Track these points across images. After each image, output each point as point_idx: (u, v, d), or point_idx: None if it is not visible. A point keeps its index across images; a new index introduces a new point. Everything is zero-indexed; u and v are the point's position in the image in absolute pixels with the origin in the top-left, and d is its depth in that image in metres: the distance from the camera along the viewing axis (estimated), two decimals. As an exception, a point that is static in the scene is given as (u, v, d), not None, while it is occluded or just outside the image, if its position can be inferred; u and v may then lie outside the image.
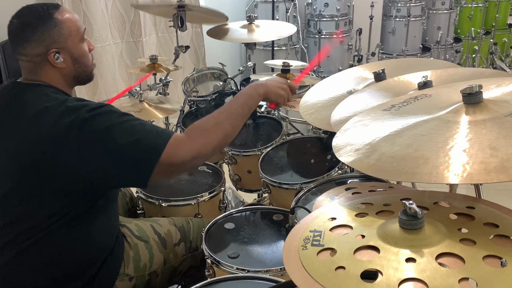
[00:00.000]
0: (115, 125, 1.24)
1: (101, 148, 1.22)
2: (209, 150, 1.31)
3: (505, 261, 0.75)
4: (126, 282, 1.48)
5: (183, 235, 1.65)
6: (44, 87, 1.34)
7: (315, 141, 2.06)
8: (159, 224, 1.63)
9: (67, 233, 1.31)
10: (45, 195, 1.26)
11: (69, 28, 1.35)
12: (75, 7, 3.37)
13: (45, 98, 1.30)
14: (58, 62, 1.34)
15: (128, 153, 1.23)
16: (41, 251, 1.30)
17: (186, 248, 1.64)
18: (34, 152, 1.25)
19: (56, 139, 1.23)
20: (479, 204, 0.93)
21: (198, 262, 1.66)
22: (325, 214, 0.98)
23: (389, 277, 0.75)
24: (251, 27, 2.60)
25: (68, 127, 1.23)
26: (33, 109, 1.28)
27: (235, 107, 1.41)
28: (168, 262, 1.59)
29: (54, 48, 1.33)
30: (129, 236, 1.53)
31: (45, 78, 1.36)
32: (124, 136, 1.23)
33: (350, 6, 4.37)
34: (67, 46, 1.35)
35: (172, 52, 2.99)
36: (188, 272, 1.68)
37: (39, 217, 1.27)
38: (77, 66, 1.39)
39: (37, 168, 1.25)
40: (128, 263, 1.49)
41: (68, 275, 1.35)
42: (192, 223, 1.71)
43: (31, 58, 1.34)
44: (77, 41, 1.38)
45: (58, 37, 1.33)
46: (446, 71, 1.48)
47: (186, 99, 2.62)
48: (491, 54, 4.90)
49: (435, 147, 0.91)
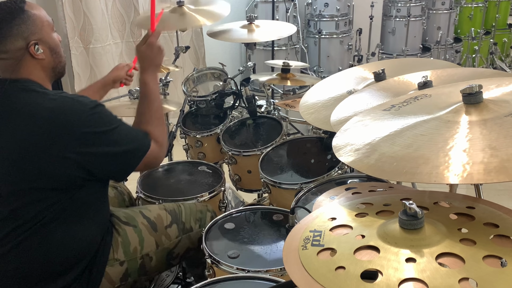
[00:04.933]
0: (108, 131, 1.35)
1: (94, 150, 1.32)
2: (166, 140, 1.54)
3: (505, 261, 0.75)
4: (117, 267, 1.49)
5: (174, 217, 1.65)
6: (28, 83, 1.36)
7: (315, 141, 2.06)
8: (148, 210, 1.66)
9: (56, 229, 1.34)
10: (39, 191, 1.29)
11: (41, 19, 1.39)
12: (75, 7, 3.37)
13: (34, 95, 1.33)
14: (39, 53, 1.37)
15: (119, 158, 1.38)
16: (35, 245, 1.32)
17: (179, 229, 1.65)
18: (25, 151, 1.27)
19: (49, 137, 1.27)
20: (479, 204, 0.93)
21: (195, 243, 1.66)
22: (325, 214, 0.98)
23: (389, 277, 0.75)
24: (251, 27, 2.60)
25: (62, 126, 1.28)
26: (26, 107, 1.31)
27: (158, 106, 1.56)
28: (160, 244, 1.59)
29: (33, 40, 1.35)
30: (117, 223, 1.55)
31: (26, 74, 1.37)
32: (117, 142, 1.37)
33: (350, 6, 4.37)
34: (43, 37, 1.38)
35: (172, 52, 2.99)
36: (187, 254, 1.68)
37: (29, 214, 1.30)
38: (54, 56, 1.42)
39: (28, 166, 1.28)
40: (117, 248, 1.50)
41: (60, 268, 1.37)
42: (183, 206, 1.72)
43: (11, 54, 1.35)
44: (50, 31, 1.41)
45: (34, 28, 1.36)
46: (446, 71, 1.48)
47: (186, 99, 2.62)
48: (491, 54, 4.90)
49: (435, 147, 0.91)
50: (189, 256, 1.71)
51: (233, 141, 2.23)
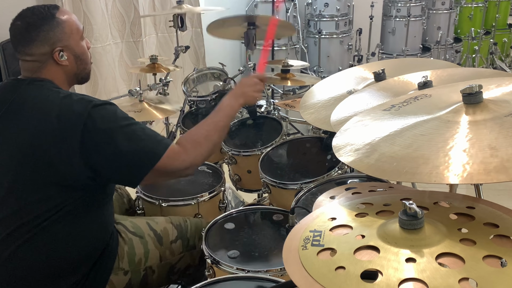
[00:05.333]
0: (118, 128, 1.30)
1: (102, 148, 1.28)
2: (200, 161, 1.43)
3: (505, 261, 0.75)
4: (121, 276, 1.49)
5: (180, 233, 1.65)
6: (46, 83, 1.38)
7: (315, 141, 2.06)
8: (155, 221, 1.65)
9: (63, 228, 1.33)
10: (46, 188, 1.29)
11: (71, 27, 1.41)
12: (75, 7, 3.37)
13: (47, 93, 1.34)
14: (63, 60, 1.39)
15: (127, 158, 1.31)
16: (37, 246, 1.32)
17: (184, 245, 1.64)
18: (36, 146, 1.28)
19: (59, 133, 1.27)
20: (479, 204, 0.93)
21: (196, 261, 1.66)
22: (325, 214, 0.98)
23: (389, 277, 0.75)
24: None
25: (72, 122, 1.27)
26: (37, 103, 1.32)
27: (221, 119, 1.50)
28: (164, 258, 1.59)
29: (58, 47, 1.38)
30: (123, 232, 1.54)
31: (47, 75, 1.39)
32: (126, 141, 1.30)
33: (350, 6, 4.37)
34: (70, 44, 1.40)
35: (172, 52, 2.99)
36: (187, 271, 1.68)
37: (37, 211, 1.29)
38: (79, 63, 1.44)
39: (38, 161, 1.28)
40: (122, 257, 1.50)
41: (64, 270, 1.36)
42: (189, 221, 1.71)
43: (36, 57, 1.37)
44: (78, 39, 1.43)
45: (61, 36, 1.38)
46: (446, 71, 1.47)
47: (186, 99, 2.63)
48: (491, 54, 4.90)
49: (435, 147, 0.91)
50: (188, 273, 1.70)
51: (233, 141, 2.23)
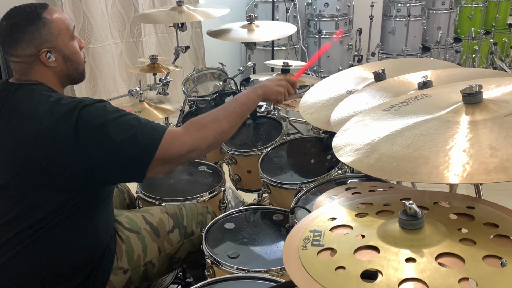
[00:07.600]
0: (110, 121, 1.25)
1: (98, 145, 1.24)
2: (205, 145, 1.33)
3: (505, 261, 0.75)
4: (120, 275, 1.48)
5: (176, 222, 1.64)
6: (37, 86, 1.35)
7: (315, 141, 2.06)
8: (150, 213, 1.63)
9: (63, 232, 1.31)
10: (43, 192, 1.27)
11: (59, 26, 1.36)
12: (75, 7, 3.37)
13: (38, 97, 1.31)
14: (50, 61, 1.35)
15: (125, 149, 1.24)
16: (37, 250, 1.30)
17: (181, 234, 1.63)
18: (31, 151, 1.26)
19: (52, 136, 1.24)
20: (479, 204, 0.93)
21: (197, 246, 1.65)
22: (325, 214, 0.98)
23: (389, 277, 0.75)
24: (251, 27, 2.60)
25: (64, 124, 1.24)
26: (28, 108, 1.29)
27: (234, 106, 1.44)
28: (163, 250, 1.58)
29: (45, 48, 1.33)
30: (120, 230, 1.53)
31: (37, 77, 1.36)
32: (120, 132, 1.24)
33: (350, 6, 4.37)
34: (58, 45, 1.36)
35: (172, 52, 2.99)
36: (188, 257, 1.67)
37: (37, 215, 1.28)
38: (68, 64, 1.40)
39: (34, 166, 1.26)
40: (121, 256, 1.49)
41: (64, 274, 1.35)
42: (184, 208, 1.70)
43: (22, 59, 1.34)
44: (67, 39, 1.38)
45: (48, 37, 1.33)
46: (446, 71, 1.47)
47: (186, 99, 2.63)
48: (491, 54, 4.90)
49: (435, 147, 0.91)
50: (190, 260, 1.70)
51: (233, 141, 2.23)
